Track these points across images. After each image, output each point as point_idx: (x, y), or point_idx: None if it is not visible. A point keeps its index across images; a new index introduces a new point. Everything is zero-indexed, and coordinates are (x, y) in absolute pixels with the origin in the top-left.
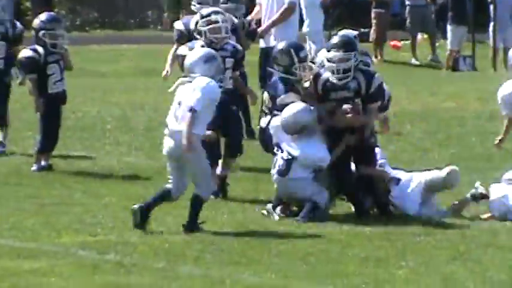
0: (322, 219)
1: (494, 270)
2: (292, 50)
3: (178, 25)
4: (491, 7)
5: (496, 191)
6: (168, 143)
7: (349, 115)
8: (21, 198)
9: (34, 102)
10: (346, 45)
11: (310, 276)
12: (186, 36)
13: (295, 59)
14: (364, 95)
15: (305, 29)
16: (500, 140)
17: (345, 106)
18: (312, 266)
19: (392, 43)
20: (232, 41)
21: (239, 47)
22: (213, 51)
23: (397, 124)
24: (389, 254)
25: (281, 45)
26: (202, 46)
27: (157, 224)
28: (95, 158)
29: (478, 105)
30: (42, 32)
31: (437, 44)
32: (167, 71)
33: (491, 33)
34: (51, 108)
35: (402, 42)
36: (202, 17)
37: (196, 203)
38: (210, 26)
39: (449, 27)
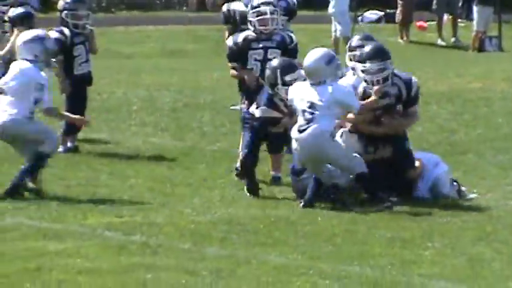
0: (344, 203)
1: None
2: (278, 71)
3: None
4: None
5: None
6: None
7: (395, 120)
8: (47, 180)
9: (60, 84)
10: (381, 54)
11: (336, 257)
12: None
13: (279, 81)
14: (406, 99)
15: (331, 9)
16: None
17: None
18: (338, 247)
19: (418, 24)
20: (282, 33)
21: (288, 37)
22: (331, 51)
23: (423, 104)
24: (415, 235)
25: (274, 62)
26: (247, 36)
27: (183, 205)
28: (120, 140)
29: (504, 85)
30: (65, 12)
31: (462, 25)
32: None
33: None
34: (77, 89)
35: (428, 23)
36: (253, 7)
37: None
38: (260, 18)
39: (475, 8)
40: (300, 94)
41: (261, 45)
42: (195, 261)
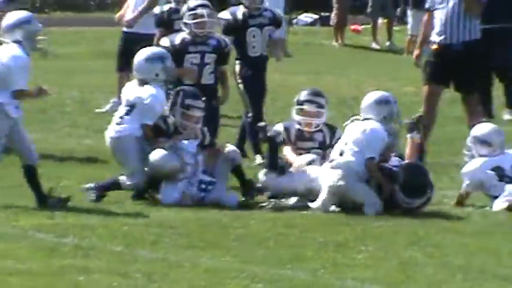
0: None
1: (452, 255)
2: (181, 93)
3: (225, 15)
4: None
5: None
6: None
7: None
8: None
9: None
10: (319, 98)
11: (269, 261)
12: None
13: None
14: (328, 146)
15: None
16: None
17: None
18: (271, 250)
19: (352, 27)
20: (217, 36)
21: (223, 41)
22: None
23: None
24: (348, 238)
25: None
26: (184, 38)
27: (116, 207)
28: (53, 141)
29: None
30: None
31: (397, 29)
32: None
33: None
34: None
35: (363, 26)
36: (189, 9)
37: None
38: (197, 20)
39: (409, 12)
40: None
41: (198, 49)
42: (127, 263)
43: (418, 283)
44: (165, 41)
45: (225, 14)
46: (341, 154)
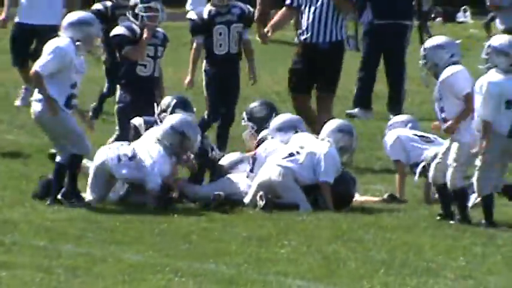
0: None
1: (375, 250)
2: (174, 102)
3: (191, 15)
4: None
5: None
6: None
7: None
8: None
9: None
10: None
11: (192, 255)
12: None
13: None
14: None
15: (188, 7)
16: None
17: None
18: (194, 245)
19: None
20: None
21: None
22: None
23: (277, 103)
24: (271, 233)
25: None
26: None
27: (39, 202)
28: None
29: None
30: None
31: None
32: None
33: None
34: None
35: None
36: (143, 1)
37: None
38: (150, 14)
39: None
40: None
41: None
42: (51, 258)
43: (341, 277)
44: (192, 14)
45: (191, 14)
46: (291, 155)
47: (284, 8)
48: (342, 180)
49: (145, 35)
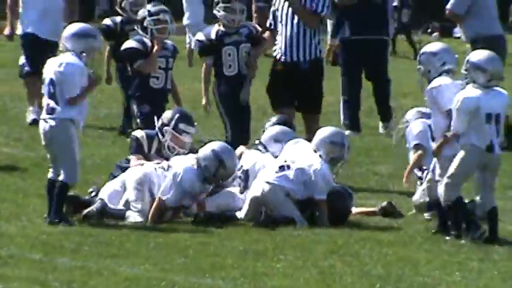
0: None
1: (371, 265)
2: (177, 115)
3: (199, 36)
4: None
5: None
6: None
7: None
8: None
9: None
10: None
11: (188, 269)
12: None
13: (172, 123)
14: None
15: (185, 21)
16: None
17: None
18: (190, 259)
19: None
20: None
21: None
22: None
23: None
24: (268, 247)
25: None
26: (144, 42)
27: (35, 215)
28: None
29: None
30: None
31: None
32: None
33: None
34: None
35: None
36: (151, 14)
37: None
38: (160, 26)
39: (328, 21)
40: None
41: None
42: (47, 272)
43: None
44: (199, 36)
45: (200, 36)
46: (281, 169)
47: (267, 32)
48: (339, 195)
49: (155, 48)
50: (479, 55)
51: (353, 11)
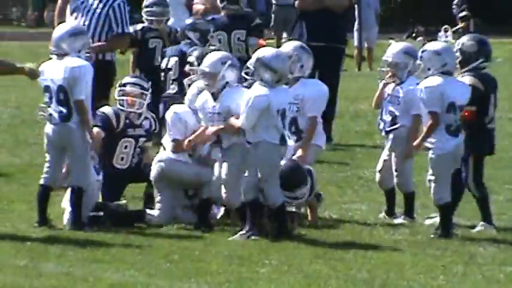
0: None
1: (356, 269)
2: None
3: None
4: (356, 7)
5: None
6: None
7: None
8: None
9: None
10: (143, 82)
11: (173, 274)
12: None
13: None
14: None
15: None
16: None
17: None
18: (175, 264)
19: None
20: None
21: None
22: None
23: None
24: (252, 252)
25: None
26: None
27: (20, 221)
28: None
29: (341, 104)
30: None
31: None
32: None
33: (355, 33)
34: None
35: (267, 41)
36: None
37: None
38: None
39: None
40: None
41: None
42: (32, 278)
43: None
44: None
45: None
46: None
47: None
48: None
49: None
50: (267, 52)
51: (311, 16)
